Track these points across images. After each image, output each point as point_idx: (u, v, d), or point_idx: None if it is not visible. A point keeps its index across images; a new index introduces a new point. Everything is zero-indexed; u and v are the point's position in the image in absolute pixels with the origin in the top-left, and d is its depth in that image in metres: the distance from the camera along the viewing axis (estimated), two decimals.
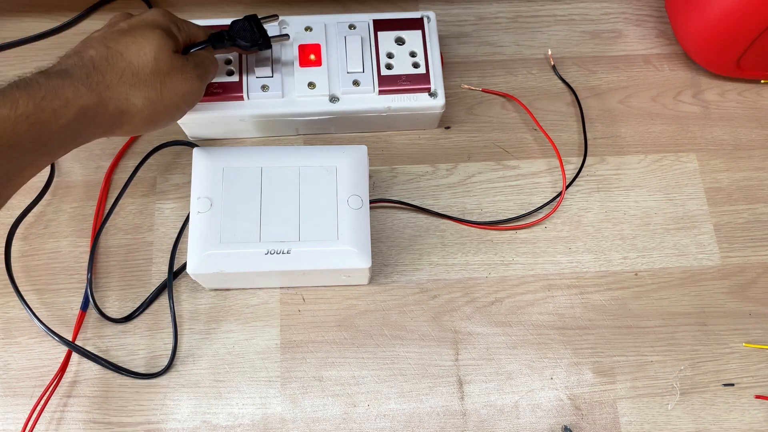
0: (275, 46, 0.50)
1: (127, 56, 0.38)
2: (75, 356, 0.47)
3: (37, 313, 0.47)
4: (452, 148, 0.54)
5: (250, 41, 0.45)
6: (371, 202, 0.51)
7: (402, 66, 0.50)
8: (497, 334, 0.49)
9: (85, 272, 0.48)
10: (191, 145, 0.53)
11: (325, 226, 0.43)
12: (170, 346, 0.47)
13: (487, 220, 0.52)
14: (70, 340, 0.46)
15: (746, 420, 0.47)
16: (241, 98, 0.49)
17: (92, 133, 0.38)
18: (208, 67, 0.44)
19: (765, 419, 0.47)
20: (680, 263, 0.51)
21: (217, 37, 0.44)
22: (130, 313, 0.48)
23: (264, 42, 0.46)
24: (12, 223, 0.49)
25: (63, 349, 0.46)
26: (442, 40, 0.57)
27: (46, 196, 0.51)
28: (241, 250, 0.43)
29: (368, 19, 0.51)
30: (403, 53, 0.51)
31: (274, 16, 0.47)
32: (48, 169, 0.51)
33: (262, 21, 0.46)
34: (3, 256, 0.48)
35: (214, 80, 0.49)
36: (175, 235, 0.50)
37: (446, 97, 0.51)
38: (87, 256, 0.49)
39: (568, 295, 0.50)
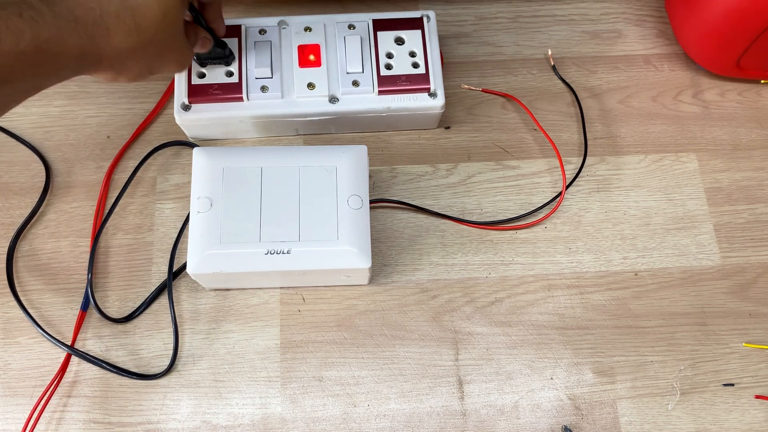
0: (275, 47, 0.50)
1: (138, 17, 0.36)
2: (75, 356, 0.47)
3: (37, 313, 0.47)
4: (452, 148, 0.54)
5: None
6: (371, 202, 0.51)
7: (402, 66, 0.50)
8: (497, 334, 0.49)
9: (85, 272, 0.48)
10: (191, 145, 0.53)
11: (325, 226, 0.43)
12: (170, 346, 0.47)
13: (487, 220, 0.52)
14: (71, 340, 0.47)
15: (746, 420, 0.47)
16: (240, 99, 0.49)
17: (75, 74, 0.37)
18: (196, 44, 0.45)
19: (765, 419, 0.47)
20: (680, 263, 0.51)
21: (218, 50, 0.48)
22: (130, 313, 0.48)
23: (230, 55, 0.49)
24: (19, 225, 0.49)
25: (63, 350, 0.46)
26: (442, 40, 0.57)
27: (47, 197, 0.51)
28: (241, 250, 0.43)
29: (368, 18, 0.51)
30: (403, 53, 0.51)
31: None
32: (44, 171, 0.51)
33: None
34: (5, 258, 0.49)
35: (213, 82, 0.49)
36: (175, 235, 0.50)
37: (446, 97, 0.51)
38: (87, 256, 0.49)
39: (568, 295, 0.50)
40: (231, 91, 0.49)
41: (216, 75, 0.49)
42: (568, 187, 0.53)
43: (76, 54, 0.35)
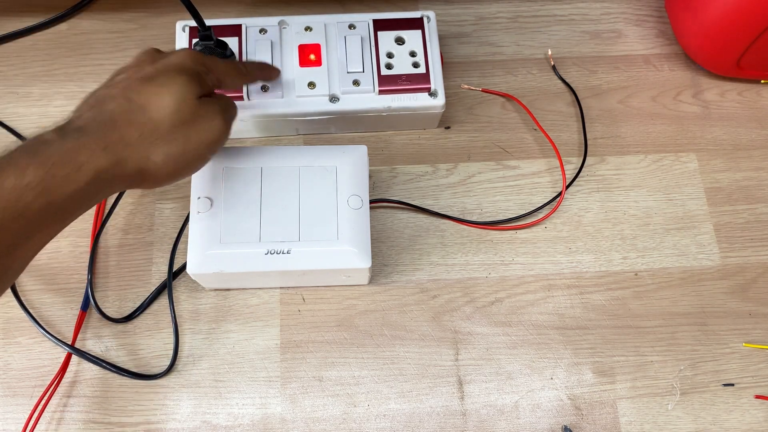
0: (275, 46, 0.50)
1: (149, 110, 0.35)
2: (75, 356, 0.47)
3: (37, 313, 0.47)
4: (452, 148, 0.54)
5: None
6: (371, 202, 0.51)
7: (402, 66, 0.50)
8: (497, 334, 0.49)
9: (85, 272, 0.48)
10: None
11: (325, 226, 0.43)
12: (170, 346, 0.47)
13: (487, 220, 0.52)
14: (71, 340, 0.46)
15: (746, 420, 0.47)
16: (241, 98, 0.49)
17: (107, 192, 0.35)
18: (233, 108, 0.41)
19: (765, 419, 0.47)
20: (680, 263, 0.51)
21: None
22: (130, 313, 0.48)
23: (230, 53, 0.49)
24: None
25: (63, 350, 0.46)
26: (442, 40, 0.57)
27: None
28: (241, 250, 0.43)
29: (368, 18, 0.51)
30: (403, 53, 0.51)
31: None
32: None
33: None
34: None
35: None
36: (175, 235, 0.50)
37: (446, 97, 0.51)
38: (87, 256, 0.49)
39: (568, 295, 0.50)
40: (231, 91, 0.49)
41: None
42: (568, 187, 0.53)
43: (91, 169, 0.33)
